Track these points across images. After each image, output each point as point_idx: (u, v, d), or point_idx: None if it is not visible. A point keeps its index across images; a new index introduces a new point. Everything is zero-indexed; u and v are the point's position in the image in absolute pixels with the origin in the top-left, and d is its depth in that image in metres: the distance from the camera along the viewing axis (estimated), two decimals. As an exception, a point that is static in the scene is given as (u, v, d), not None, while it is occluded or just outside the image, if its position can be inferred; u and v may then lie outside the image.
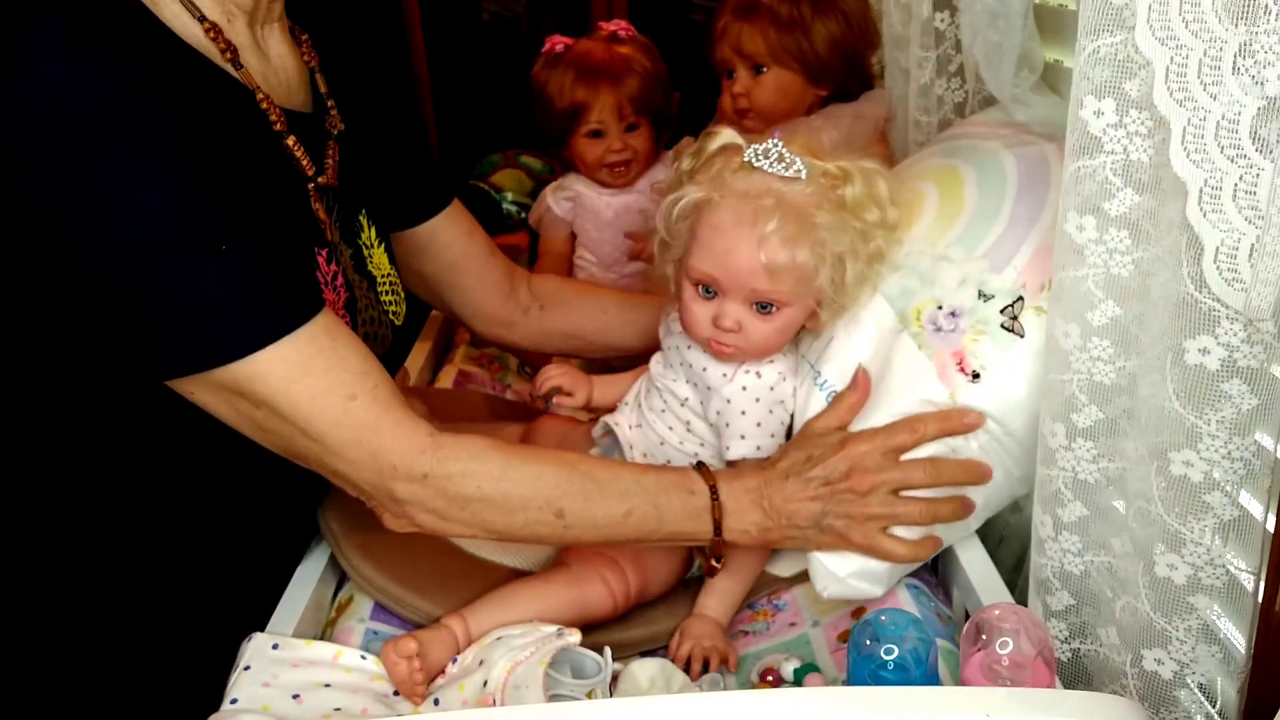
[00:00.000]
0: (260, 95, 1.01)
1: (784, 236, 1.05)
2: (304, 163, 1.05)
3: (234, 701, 0.98)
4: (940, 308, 1.08)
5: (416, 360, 1.72)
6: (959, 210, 1.14)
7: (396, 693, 1.05)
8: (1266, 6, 0.67)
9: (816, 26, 1.59)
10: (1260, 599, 0.83)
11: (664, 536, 1.05)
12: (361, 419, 0.94)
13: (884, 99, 1.63)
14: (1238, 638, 0.90)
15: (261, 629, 1.07)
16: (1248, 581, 0.86)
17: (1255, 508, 0.84)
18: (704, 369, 1.17)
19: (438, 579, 1.19)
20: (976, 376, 1.05)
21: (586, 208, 1.83)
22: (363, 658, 1.07)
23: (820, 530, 1.07)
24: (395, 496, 0.97)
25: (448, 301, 1.40)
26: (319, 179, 1.07)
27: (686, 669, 1.10)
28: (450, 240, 1.33)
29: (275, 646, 1.04)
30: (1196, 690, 0.92)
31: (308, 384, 0.92)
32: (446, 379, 1.71)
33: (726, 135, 1.12)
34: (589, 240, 1.86)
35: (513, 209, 2.12)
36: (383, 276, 1.19)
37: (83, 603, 1.11)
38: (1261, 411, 0.80)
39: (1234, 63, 0.69)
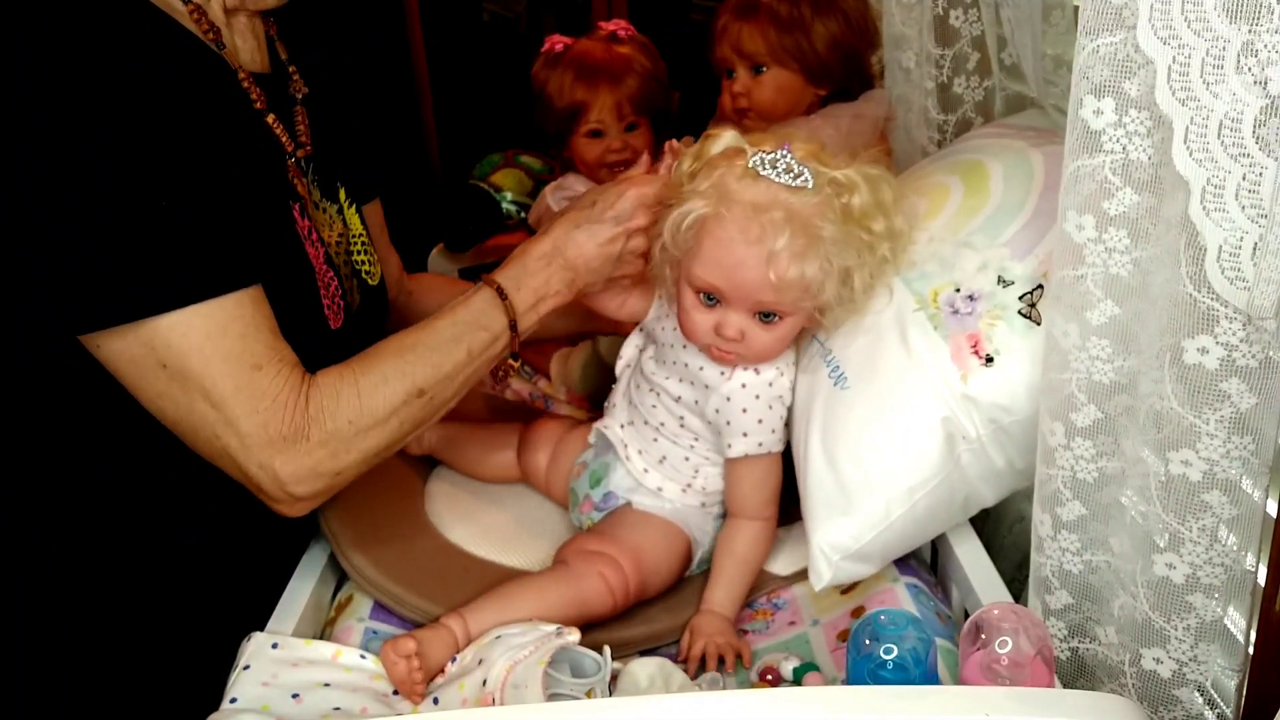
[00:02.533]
0: (242, 74, 1.07)
1: (793, 252, 1.04)
2: (284, 139, 1.10)
3: (234, 701, 0.98)
4: (958, 290, 1.09)
5: (416, 360, 1.71)
6: (983, 202, 1.15)
7: (396, 692, 1.05)
8: (1270, 6, 0.67)
9: (816, 26, 1.59)
10: (1261, 598, 0.83)
11: (501, 348, 1.11)
12: (263, 388, 0.96)
13: (884, 99, 1.63)
14: (1237, 637, 0.90)
15: (261, 628, 1.07)
16: (1247, 580, 0.86)
17: (1254, 506, 0.84)
18: (700, 368, 1.17)
19: (437, 578, 1.19)
20: (990, 360, 1.05)
21: (586, 208, 1.82)
22: (362, 657, 1.07)
23: (617, 267, 1.17)
24: (281, 477, 0.98)
25: None
26: (298, 153, 1.12)
27: (691, 666, 1.10)
28: (370, 222, 1.35)
29: (275, 646, 1.04)
30: (1195, 689, 0.92)
31: (225, 345, 0.95)
32: (446, 378, 1.71)
33: (729, 138, 1.11)
34: (588, 240, 1.85)
35: (513, 209, 2.11)
36: (354, 236, 1.23)
37: (83, 603, 1.11)
38: (1260, 410, 0.80)
39: (1237, 61, 0.69)
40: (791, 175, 1.05)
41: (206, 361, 0.94)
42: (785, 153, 1.06)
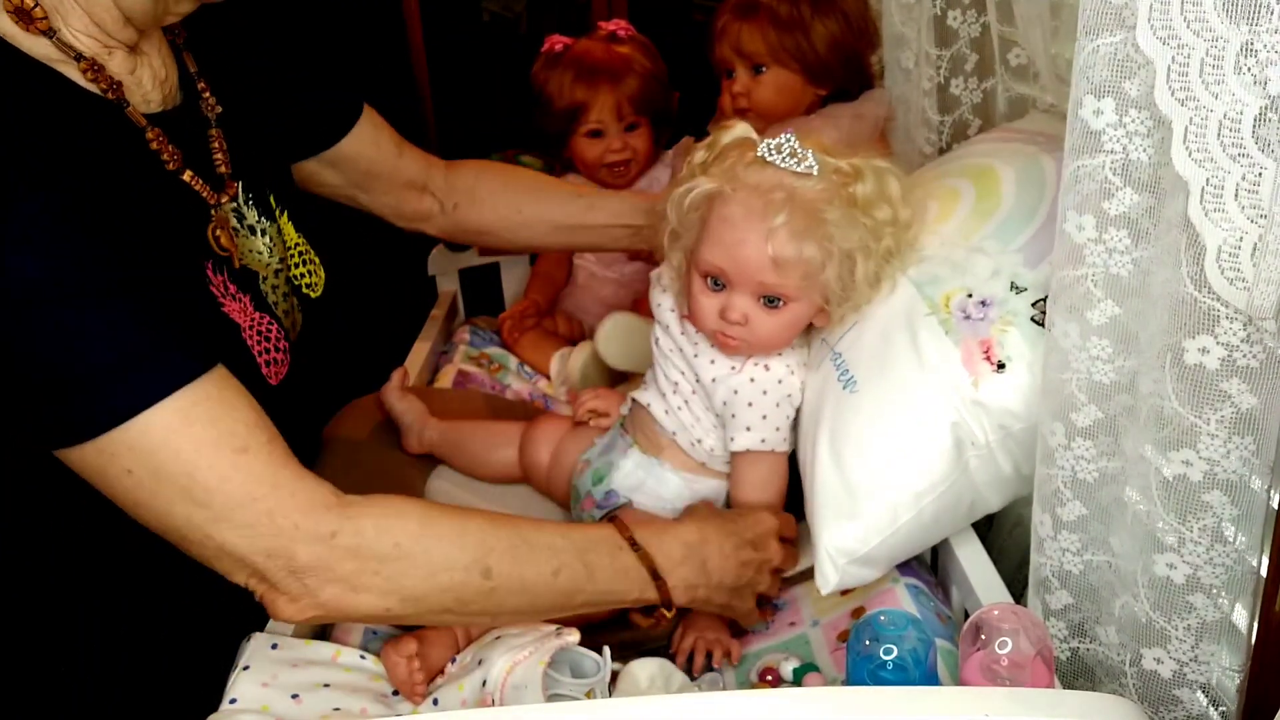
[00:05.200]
0: (151, 134, 0.98)
1: (792, 230, 1.06)
2: (204, 192, 1.03)
3: (233, 701, 0.98)
4: (970, 296, 1.09)
5: (416, 360, 1.71)
6: (995, 207, 1.15)
7: (396, 692, 1.05)
8: (1269, 6, 0.67)
9: (816, 26, 1.59)
10: (1262, 598, 0.83)
11: (590, 597, 1.00)
12: (256, 472, 0.85)
13: (884, 99, 1.63)
14: (1237, 637, 0.90)
15: (261, 628, 1.06)
16: (1248, 581, 0.86)
17: (1255, 506, 0.84)
18: (711, 360, 1.17)
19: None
20: (1002, 367, 1.05)
21: (586, 207, 1.82)
22: (362, 657, 1.07)
23: (735, 596, 1.10)
24: (296, 564, 0.86)
25: (360, 204, 1.39)
26: (222, 198, 1.05)
27: (690, 665, 1.10)
28: (357, 154, 1.32)
29: (274, 646, 1.04)
30: (1196, 690, 0.92)
31: (193, 433, 0.84)
32: (446, 379, 1.71)
33: (741, 129, 1.13)
34: (589, 240, 1.85)
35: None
36: (292, 247, 1.17)
37: (83, 602, 1.11)
38: (1261, 410, 0.80)
39: (1236, 62, 0.69)
40: (796, 160, 1.07)
41: (177, 456, 0.83)
42: (789, 137, 1.08)
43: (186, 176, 1.01)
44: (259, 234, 1.11)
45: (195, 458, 0.84)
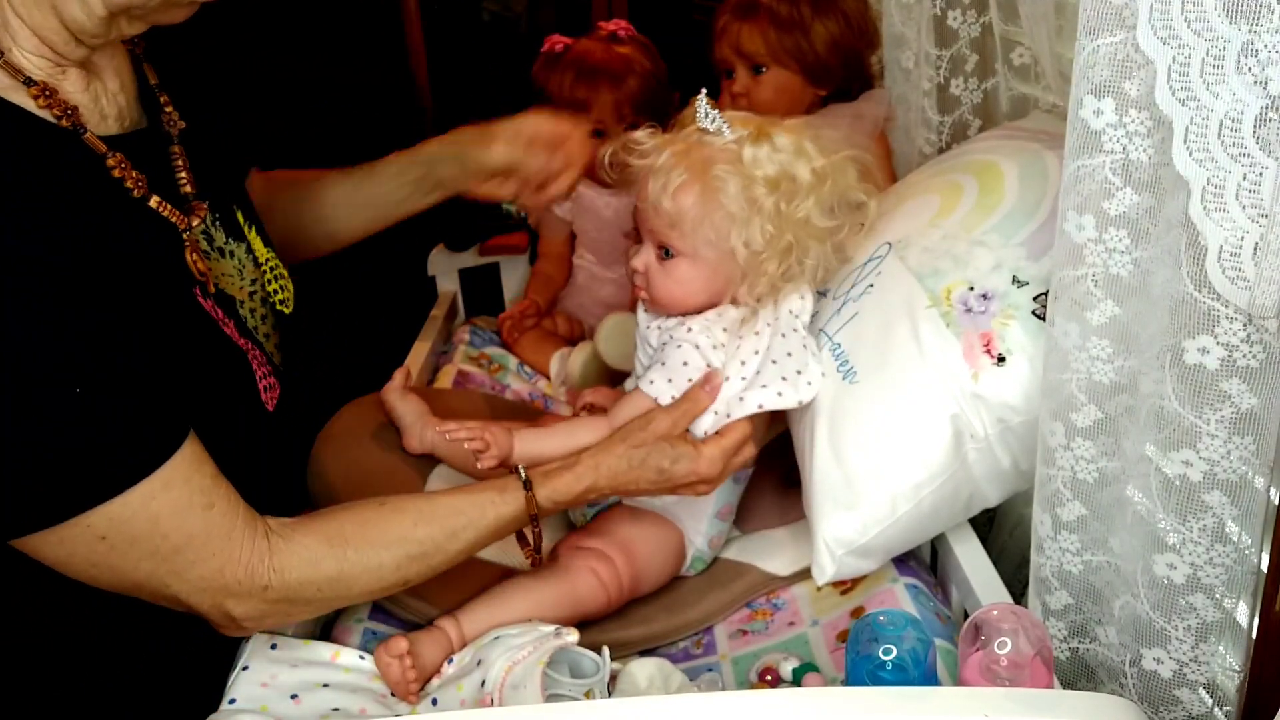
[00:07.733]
0: (112, 160, 0.93)
1: (670, 177, 1.10)
2: (173, 217, 0.99)
3: (232, 701, 0.98)
4: (972, 289, 1.09)
5: (416, 360, 1.71)
6: (998, 202, 1.15)
7: (395, 693, 1.04)
8: (1270, 6, 0.67)
9: (816, 26, 1.59)
10: (1262, 598, 0.83)
11: (496, 540, 1.08)
12: (216, 526, 0.91)
13: (884, 99, 1.63)
14: (1238, 637, 0.90)
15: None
16: (1247, 581, 0.86)
17: (1255, 507, 0.84)
18: (653, 330, 1.19)
19: (435, 579, 1.18)
20: (1002, 360, 1.05)
21: (586, 208, 1.83)
22: (361, 658, 1.07)
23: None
24: (232, 615, 0.95)
25: None
26: (192, 221, 1.01)
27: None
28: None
29: (274, 646, 1.04)
30: (1197, 689, 0.92)
31: (170, 499, 0.88)
32: (446, 379, 1.71)
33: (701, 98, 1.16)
34: (589, 240, 1.85)
35: (512, 209, 2.11)
36: (264, 262, 1.14)
37: (82, 602, 1.10)
38: (1261, 410, 0.79)
39: (1237, 61, 0.69)
40: (710, 120, 1.12)
41: (154, 521, 0.88)
42: (701, 99, 1.13)
43: (154, 203, 0.97)
44: (228, 255, 1.07)
45: (170, 520, 0.88)
